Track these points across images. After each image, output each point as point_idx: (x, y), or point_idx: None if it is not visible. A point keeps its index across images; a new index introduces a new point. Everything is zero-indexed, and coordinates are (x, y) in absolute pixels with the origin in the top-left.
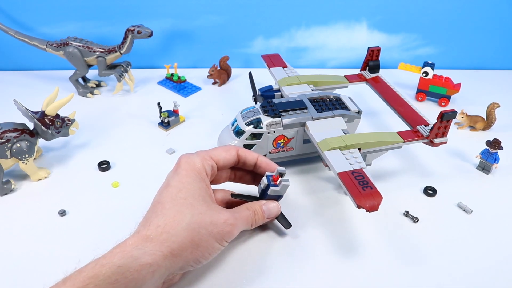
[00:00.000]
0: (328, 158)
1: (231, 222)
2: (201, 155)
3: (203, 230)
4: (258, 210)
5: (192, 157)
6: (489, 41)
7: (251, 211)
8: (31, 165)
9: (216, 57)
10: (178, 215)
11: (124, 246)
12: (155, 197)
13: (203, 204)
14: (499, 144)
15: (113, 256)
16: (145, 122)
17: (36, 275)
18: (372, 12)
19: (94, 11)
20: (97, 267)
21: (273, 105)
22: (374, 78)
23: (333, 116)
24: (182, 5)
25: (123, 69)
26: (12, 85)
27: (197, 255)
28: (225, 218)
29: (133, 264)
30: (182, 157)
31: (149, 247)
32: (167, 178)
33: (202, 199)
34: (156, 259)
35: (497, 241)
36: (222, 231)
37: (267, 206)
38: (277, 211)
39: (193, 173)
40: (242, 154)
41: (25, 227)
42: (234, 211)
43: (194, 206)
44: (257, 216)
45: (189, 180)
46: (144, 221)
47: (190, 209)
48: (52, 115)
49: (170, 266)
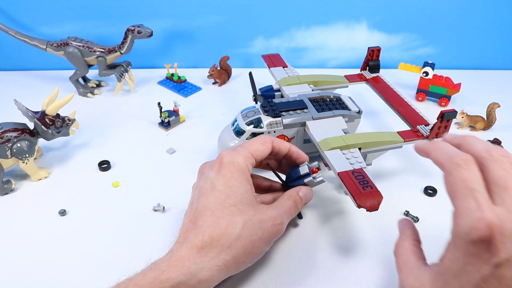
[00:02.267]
0: (328, 157)
1: (278, 222)
2: (243, 154)
3: (254, 237)
4: (298, 198)
5: (235, 156)
6: (489, 41)
7: (292, 201)
8: (32, 165)
9: (216, 57)
10: (230, 225)
11: (181, 260)
12: (199, 198)
13: (251, 208)
14: (499, 144)
15: (171, 271)
16: (145, 122)
17: (36, 275)
18: (372, 12)
19: (94, 11)
20: (156, 283)
21: (273, 105)
22: (374, 78)
23: (333, 116)
24: (182, 5)
25: (123, 69)
26: (12, 85)
27: (248, 262)
28: (272, 219)
29: (192, 281)
30: (224, 155)
31: (205, 262)
32: (209, 178)
33: (249, 203)
34: (212, 274)
35: None
36: (271, 233)
37: (304, 193)
38: (311, 196)
39: (238, 175)
40: (276, 146)
41: (25, 227)
42: (278, 206)
43: (243, 213)
44: (298, 204)
45: (235, 183)
46: (194, 228)
47: (241, 217)
48: (52, 115)
49: (223, 277)
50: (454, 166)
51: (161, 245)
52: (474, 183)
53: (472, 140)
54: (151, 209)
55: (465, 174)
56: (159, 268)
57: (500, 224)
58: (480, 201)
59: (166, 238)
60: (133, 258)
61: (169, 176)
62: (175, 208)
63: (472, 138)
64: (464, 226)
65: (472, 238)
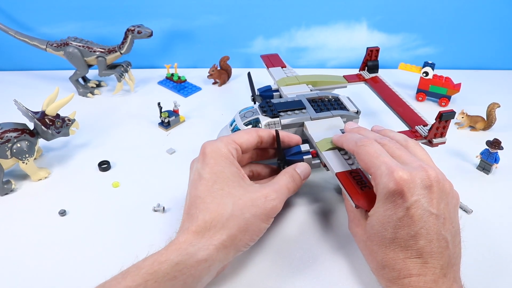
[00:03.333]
0: (326, 158)
1: (272, 197)
2: (224, 140)
3: (247, 214)
4: (295, 174)
5: (216, 143)
6: (489, 41)
7: (288, 176)
8: (31, 165)
9: (216, 57)
10: (220, 207)
11: (178, 243)
12: (190, 189)
13: (239, 188)
14: (499, 144)
15: (169, 253)
16: (145, 122)
17: (36, 275)
18: (372, 12)
19: (94, 11)
20: (156, 264)
21: (272, 105)
22: (373, 78)
23: (331, 116)
24: (182, 5)
25: (123, 69)
26: (12, 85)
27: (247, 240)
28: (265, 195)
29: (190, 261)
30: (206, 145)
31: (202, 243)
32: (196, 169)
33: (237, 184)
34: (210, 253)
35: (497, 241)
36: (266, 209)
37: (301, 169)
38: (309, 172)
39: (221, 159)
40: (262, 133)
41: (25, 227)
42: (272, 183)
43: (232, 194)
44: (295, 179)
45: (220, 168)
46: (189, 217)
47: (230, 198)
48: (52, 115)
49: (223, 258)
50: (360, 147)
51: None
52: (380, 152)
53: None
54: (151, 209)
55: (370, 149)
56: (158, 252)
57: (408, 176)
58: (388, 163)
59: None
60: (133, 258)
61: (169, 176)
62: (175, 208)
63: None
64: (381, 185)
65: (389, 191)
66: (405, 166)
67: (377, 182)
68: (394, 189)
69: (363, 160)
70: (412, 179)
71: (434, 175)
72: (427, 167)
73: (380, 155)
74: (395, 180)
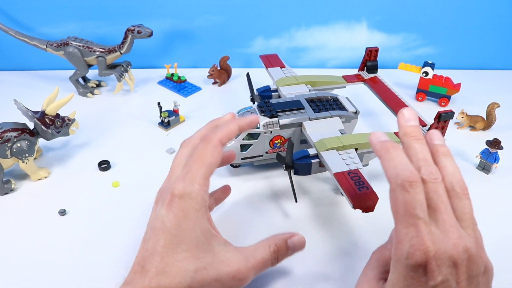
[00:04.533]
0: (324, 158)
1: (241, 277)
2: (197, 180)
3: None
4: (283, 247)
5: (188, 187)
6: (489, 41)
7: (272, 251)
8: (31, 165)
9: (216, 57)
10: (179, 274)
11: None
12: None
13: (208, 253)
14: (499, 144)
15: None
16: (145, 122)
17: (36, 275)
18: (372, 12)
19: (94, 11)
20: None
21: (270, 105)
22: (372, 78)
23: (330, 117)
24: (182, 5)
25: (123, 69)
26: (12, 85)
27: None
28: (234, 272)
29: None
30: (176, 186)
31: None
32: (160, 216)
33: (207, 247)
34: None
35: (497, 241)
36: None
37: (294, 242)
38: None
39: (193, 213)
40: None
41: (25, 226)
42: (248, 256)
43: (198, 259)
44: (280, 255)
45: (189, 224)
46: (142, 271)
47: (193, 264)
48: (52, 115)
49: None
50: (399, 188)
51: None
52: (416, 209)
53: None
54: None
55: (409, 199)
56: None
57: (435, 250)
58: (420, 228)
59: None
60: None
61: None
62: None
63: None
64: (403, 251)
65: (410, 263)
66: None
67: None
68: (419, 263)
69: (395, 206)
70: (443, 252)
71: (471, 248)
72: (465, 238)
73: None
74: (423, 251)
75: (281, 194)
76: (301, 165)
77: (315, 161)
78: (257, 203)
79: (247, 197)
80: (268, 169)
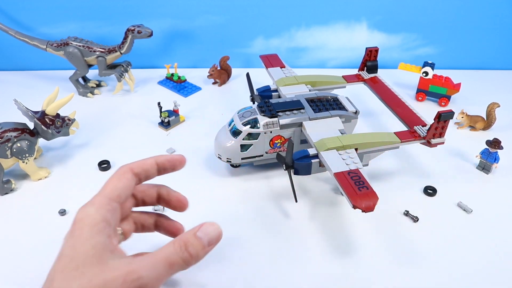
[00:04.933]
0: (324, 158)
1: (133, 278)
2: (96, 203)
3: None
4: (191, 241)
5: (86, 209)
6: (489, 41)
7: (176, 246)
8: (31, 165)
9: (216, 57)
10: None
11: None
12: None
13: (96, 266)
14: (499, 144)
15: None
16: (145, 122)
17: (36, 274)
18: (372, 12)
19: (94, 11)
20: None
21: (270, 105)
22: (372, 78)
23: (330, 117)
24: (182, 5)
25: (123, 69)
26: (12, 85)
27: None
28: (124, 274)
29: None
30: (78, 212)
31: None
32: (62, 244)
33: (96, 260)
34: None
35: (497, 241)
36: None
37: (204, 231)
38: (217, 234)
39: (87, 230)
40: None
41: (25, 226)
42: (147, 255)
43: (84, 275)
44: (192, 247)
45: (81, 241)
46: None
47: (78, 281)
48: (52, 115)
49: None
50: None
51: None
52: None
53: None
54: (151, 208)
55: None
56: None
57: None
58: None
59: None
60: None
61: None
62: None
63: None
64: None
65: None
66: None
67: None
68: None
69: None
70: None
71: None
72: None
73: None
74: None
75: (281, 194)
76: (301, 165)
77: (315, 161)
78: (257, 203)
79: (247, 197)
80: (268, 169)
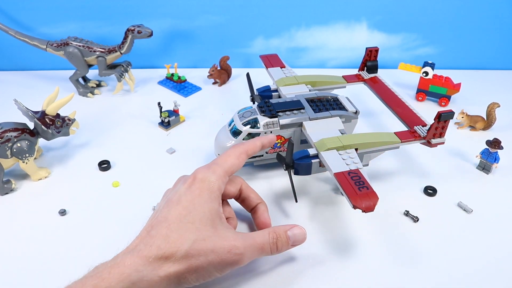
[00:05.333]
0: (324, 158)
1: (236, 252)
2: (217, 172)
3: (202, 257)
4: (283, 237)
5: (208, 174)
6: (489, 41)
7: (271, 238)
8: (32, 165)
9: (216, 57)
10: (179, 241)
11: (123, 266)
12: (163, 207)
13: (210, 228)
14: (499, 144)
15: (112, 278)
16: (145, 122)
17: (36, 274)
18: (372, 12)
19: (94, 11)
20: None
21: (270, 105)
22: (372, 78)
23: (330, 117)
24: (182, 5)
25: (123, 69)
26: (12, 85)
27: (192, 280)
28: (230, 247)
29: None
30: (199, 173)
31: (147, 271)
32: (178, 192)
33: (210, 223)
34: (152, 284)
35: (497, 241)
36: (224, 261)
37: (294, 233)
38: (303, 238)
39: (207, 193)
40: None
41: (25, 226)
42: (247, 236)
43: (199, 231)
44: (280, 242)
45: (201, 201)
46: (146, 237)
47: (194, 234)
48: (52, 115)
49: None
50: None
51: None
52: None
53: None
54: (151, 208)
55: None
56: (100, 275)
57: None
58: None
59: None
60: None
61: (169, 176)
62: None
63: None
64: None
65: None
66: None
67: None
68: None
69: None
70: None
71: None
72: None
73: None
74: None
75: (281, 194)
76: (301, 165)
77: (315, 161)
78: None
79: None
80: (268, 169)
